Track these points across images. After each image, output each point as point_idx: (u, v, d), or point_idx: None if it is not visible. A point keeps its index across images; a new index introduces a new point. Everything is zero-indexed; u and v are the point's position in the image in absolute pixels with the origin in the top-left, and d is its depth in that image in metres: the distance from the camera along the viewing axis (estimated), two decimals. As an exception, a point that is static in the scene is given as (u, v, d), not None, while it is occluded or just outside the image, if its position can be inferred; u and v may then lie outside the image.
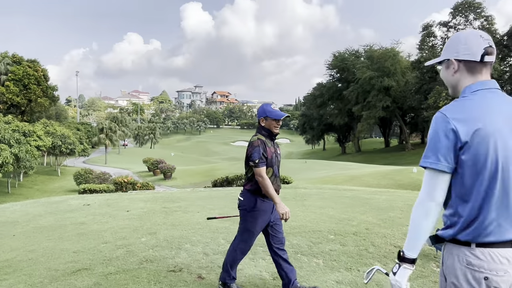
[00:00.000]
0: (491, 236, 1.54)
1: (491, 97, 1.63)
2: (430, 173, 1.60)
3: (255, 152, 3.25)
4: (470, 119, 1.55)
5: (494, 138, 1.53)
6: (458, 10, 41.47)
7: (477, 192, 1.55)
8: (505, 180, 1.54)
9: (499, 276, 1.52)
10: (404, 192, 10.78)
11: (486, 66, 1.67)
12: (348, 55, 61.47)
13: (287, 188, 10.39)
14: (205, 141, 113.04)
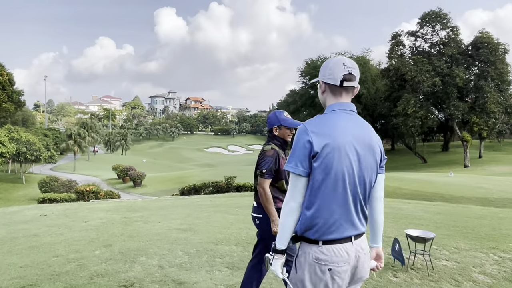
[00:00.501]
0: (334, 234, 1.82)
1: (345, 117, 1.91)
2: (292, 177, 1.88)
3: (267, 162, 3.07)
4: (324, 133, 1.83)
5: (339, 152, 1.81)
6: (426, 20, 42.69)
7: (323, 195, 1.82)
8: (346, 187, 1.82)
9: (340, 267, 1.82)
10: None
11: (347, 90, 1.95)
12: (320, 62, 62.07)
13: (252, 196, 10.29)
14: (178, 147, 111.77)
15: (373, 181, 1.93)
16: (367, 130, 1.93)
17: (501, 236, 5.94)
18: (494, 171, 36.28)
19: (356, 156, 1.85)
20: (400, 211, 8.11)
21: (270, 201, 3.03)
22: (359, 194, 1.87)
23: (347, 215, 1.84)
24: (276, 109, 3.51)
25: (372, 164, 1.90)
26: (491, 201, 16.74)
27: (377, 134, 2.01)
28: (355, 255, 1.87)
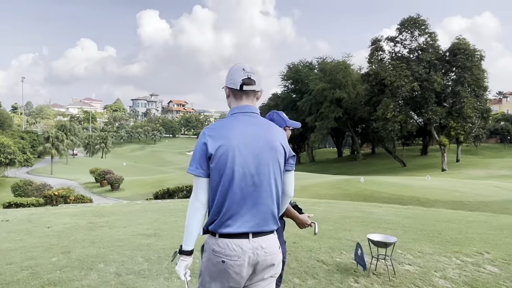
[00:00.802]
0: (229, 228, 1.93)
1: (243, 119, 2.04)
2: (194, 178, 2.01)
3: None
4: (219, 136, 1.97)
5: (233, 152, 1.94)
6: (404, 26, 43.38)
7: (220, 193, 1.94)
8: (242, 185, 1.94)
9: (233, 261, 1.92)
10: (344, 203, 10.85)
11: (247, 93, 2.07)
12: (302, 67, 62.65)
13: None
14: (160, 150, 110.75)
15: (278, 179, 2.03)
16: (266, 130, 2.04)
17: (466, 240, 5.97)
18: (471, 174, 36.98)
19: (252, 155, 1.97)
20: (370, 215, 8.11)
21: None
22: (260, 192, 1.97)
23: (244, 212, 1.95)
24: (274, 111, 3.36)
25: (270, 162, 2.00)
26: (465, 204, 17.03)
27: (282, 133, 2.10)
28: (252, 252, 1.94)
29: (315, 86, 52.76)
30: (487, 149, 58.19)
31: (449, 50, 42.75)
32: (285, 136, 2.13)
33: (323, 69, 56.33)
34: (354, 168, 53.27)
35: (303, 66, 62.80)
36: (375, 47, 45.59)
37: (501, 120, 67.31)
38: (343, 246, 5.45)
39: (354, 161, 58.77)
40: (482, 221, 7.60)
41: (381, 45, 45.80)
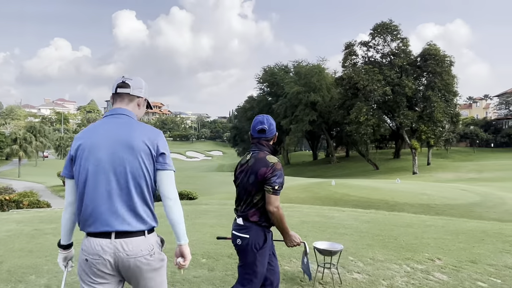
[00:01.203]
0: (91, 228, 1.98)
1: (108, 121, 2.11)
2: (65, 180, 2.12)
3: (280, 177, 2.71)
4: (81, 137, 2.07)
5: (89, 151, 2.01)
6: (377, 31, 44.01)
7: (79, 193, 2.02)
8: (96, 185, 1.98)
9: (95, 260, 1.95)
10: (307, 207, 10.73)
11: (121, 96, 2.17)
12: (278, 70, 62.81)
13: (188, 204, 9.90)
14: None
15: (140, 178, 2.01)
16: (126, 129, 2.06)
17: (421, 245, 5.90)
18: (440, 177, 37.73)
19: (106, 154, 2.00)
20: (330, 219, 8.00)
21: (284, 217, 2.75)
22: (118, 190, 1.99)
23: (103, 211, 1.96)
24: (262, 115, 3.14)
25: (128, 160, 2.00)
26: (432, 207, 17.24)
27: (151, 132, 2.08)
28: (113, 252, 1.95)
29: (290, 89, 52.94)
30: (457, 153, 59.63)
31: (420, 56, 43.61)
32: (156, 135, 2.10)
33: (298, 72, 56.62)
34: (329, 171, 53.65)
35: (279, 69, 62.98)
36: (348, 52, 46.09)
37: (470, 124, 69.17)
38: (294, 253, 5.28)
39: (329, 164, 59.21)
40: (440, 225, 7.59)
41: (354, 50, 46.35)
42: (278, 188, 2.70)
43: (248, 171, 2.79)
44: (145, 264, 1.98)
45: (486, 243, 6.18)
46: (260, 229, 2.74)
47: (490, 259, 5.20)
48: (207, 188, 29.71)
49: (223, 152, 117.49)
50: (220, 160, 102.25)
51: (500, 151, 60.33)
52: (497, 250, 5.70)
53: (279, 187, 2.70)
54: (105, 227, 1.94)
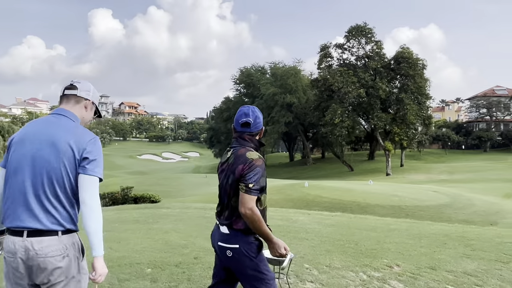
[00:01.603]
0: (7, 223, 1.98)
1: (44, 119, 2.16)
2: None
3: (257, 174, 2.36)
4: (19, 131, 2.14)
5: (16, 146, 2.06)
6: (352, 34, 44.37)
7: (5, 185, 2.05)
8: (19, 180, 1.99)
9: (8, 257, 1.95)
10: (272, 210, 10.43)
11: (67, 97, 2.20)
12: (254, 71, 62.66)
13: (149, 208, 9.49)
14: (109, 154, 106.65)
15: (58, 179, 1.99)
16: (57, 130, 2.06)
17: (381, 250, 5.70)
18: (413, 179, 38.25)
19: (30, 151, 2.01)
20: (294, 223, 7.75)
21: (262, 221, 2.35)
22: (34, 188, 1.97)
23: (17, 207, 1.96)
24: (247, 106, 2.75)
25: (49, 160, 1.99)
26: (402, 209, 17.29)
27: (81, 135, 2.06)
28: (24, 250, 1.92)
29: (266, 91, 52.85)
30: (430, 154, 60.76)
31: (394, 59, 44.18)
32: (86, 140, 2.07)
33: (275, 74, 56.63)
34: (305, 173, 53.77)
35: (255, 70, 62.86)
36: (324, 54, 46.31)
37: (443, 126, 70.70)
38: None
39: (305, 165, 59.38)
40: (403, 229, 7.45)
41: (329, 52, 46.60)
42: (254, 186, 2.33)
43: (228, 171, 2.47)
44: (54, 265, 1.92)
45: (448, 247, 6.04)
46: (249, 237, 2.40)
47: (450, 265, 5.03)
48: (181, 190, 29.17)
49: (200, 153, 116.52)
50: (196, 162, 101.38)
51: (471, 153, 61.83)
52: (458, 255, 5.55)
53: (254, 186, 2.33)
54: (18, 222, 1.94)
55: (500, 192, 25.91)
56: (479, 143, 63.11)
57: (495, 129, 64.63)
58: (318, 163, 61.22)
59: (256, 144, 2.55)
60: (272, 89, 52.56)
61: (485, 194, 24.00)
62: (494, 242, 6.44)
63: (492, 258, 5.40)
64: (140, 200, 11.77)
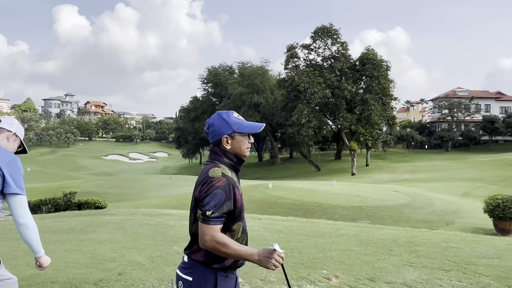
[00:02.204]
0: None
1: None
2: None
3: (215, 198, 1.95)
4: None
5: None
6: (318, 34, 44.63)
7: None
8: None
9: None
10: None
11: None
12: (222, 70, 62.14)
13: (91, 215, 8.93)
14: (73, 154, 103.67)
15: None
16: None
17: (323, 259, 5.44)
18: (377, 178, 38.83)
19: None
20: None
21: (231, 244, 1.95)
22: None
23: None
24: (222, 111, 2.30)
25: None
26: (363, 209, 17.33)
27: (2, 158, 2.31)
28: None
29: (234, 90, 52.49)
30: (394, 154, 62.03)
31: (359, 60, 44.73)
32: (5, 161, 2.29)
33: (242, 73, 56.34)
34: (273, 173, 53.79)
35: (223, 69, 62.35)
36: (290, 54, 46.36)
37: (407, 127, 72.38)
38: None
39: (273, 165, 59.40)
40: (352, 234, 7.25)
41: (296, 52, 46.69)
42: (212, 214, 1.94)
43: (194, 191, 2.13)
44: None
45: (393, 254, 5.86)
46: (208, 271, 2.04)
47: (391, 275, 4.82)
48: (143, 192, 28.43)
49: (169, 153, 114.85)
50: (165, 162, 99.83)
51: (433, 152, 63.58)
52: (401, 263, 5.37)
53: (213, 213, 1.94)
54: None
55: (459, 191, 26.60)
56: (441, 142, 64.97)
57: (456, 129, 66.70)
58: (286, 163, 61.39)
59: (231, 158, 2.13)
60: (239, 89, 52.26)
61: (444, 193, 24.54)
62: (440, 247, 6.32)
63: (435, 266, 5.24)
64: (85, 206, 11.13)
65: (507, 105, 73.40)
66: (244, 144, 2.15)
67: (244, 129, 2.14)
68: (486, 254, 5.91)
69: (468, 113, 65.52)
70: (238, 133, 2.12)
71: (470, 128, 67.15)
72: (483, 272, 4.96)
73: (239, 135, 2.12)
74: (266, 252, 1.99)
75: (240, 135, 2.12)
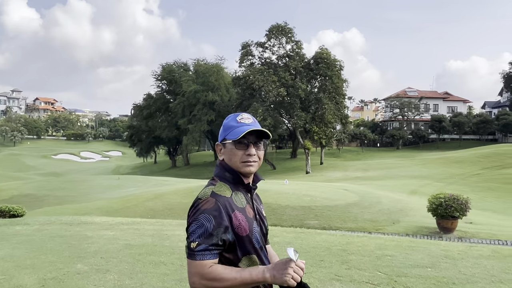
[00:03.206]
0: None
1: None
2: None
3: (199, 225, 1.56)
4: None
5: None
6: (273, 33, 44.45)
7: None
8: None
9: None
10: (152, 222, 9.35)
11: None
12: (177, 67, 60.69)
13: (1, 225, 7.92)
14: (19, 154, 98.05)
15: None
16: None
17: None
18: (331, 176, 39.18)
19: None
20: (163, 241, 6.76)
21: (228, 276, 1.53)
22: None
23: None
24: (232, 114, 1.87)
25: None
26: (312, 209, 17.09)
27: None
28: None
29: (188, 88, 51.36)
30: (348, 152, 63.22)
31: (313, 59, 44.99)
32: None
33: (197, 71, 55.30)
34: (228, 172, 53.15)
35: (178, 66, 60.92)
36: (245, 52, 45.90)
37: (361, 125, 74.09)
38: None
39: (229, 164, 58.81)
40: (286, 242, 6.79)
41: (251, 50, 46.29)
42: (196, 247, 1.55)
43: None
44: None
45: (323, 266, 5.44)
46: None
47: (314, 292, 4.37)
48: (86, 194, 26.88)
49: (123, 152, 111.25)
50: (118, 161, 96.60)
51: (385, 150, 65.40)
52: (329, 276, 4.94)
53: (198, 245, 1.55)
54: None
55: (407, 188, 27.16)
56: (392, 141, 66.97)
57: (406, 128, 68.95)
58: (243, 162, 60.97)
59: (228, 170, 1.73)
60: (194, 86, 51.20)
61: (393, 191, 24.92)
62: (374, 256, 5.99)
63: (364, 279, 4.86)
64: (6, 214, 9.97)
65: (454, 105, 76.85)
66: (235, 155, 1.70)
67: (233, 135, 1.70)
68: (420, 263, 5.62)
69: (418, 113, 67.88)
70: (228, 141, 1.72)
71: (420, 127, 69.67)
72: (414, 285, 4.62)
73: (229, 143, 1.72)
74: (279, 265, 1.56)
75: (230, 143, 1.71)
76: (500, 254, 5.99)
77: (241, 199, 1.71)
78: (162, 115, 60.61)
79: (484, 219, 18.00)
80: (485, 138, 66.36)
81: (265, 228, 1.81)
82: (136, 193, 24.97)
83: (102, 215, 17.29)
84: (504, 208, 22.34)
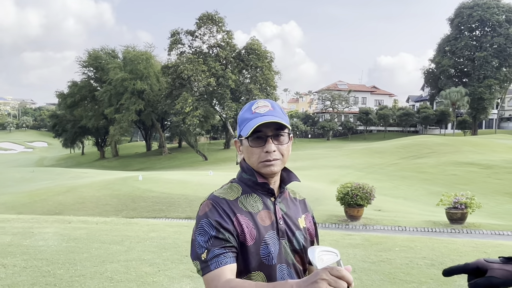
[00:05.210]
0: None
1: None
2: None
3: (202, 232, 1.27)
4: None
5: None
6: (203, 21, 43.64)
7: None
8: None
9: None
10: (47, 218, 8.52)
11: None
12: (104, 54, 57.72)
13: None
14: None
15: None
16: None
17: (90, 276, 4.49)
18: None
19: None
20: (24, 240, 6.13)
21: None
22: None
23: None
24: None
25: None
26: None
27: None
28: None
29: (115, 76, 49.03)
30: (281, 143, 64.28)
31: (244, 49, 44.87)
32: None
33: (125, 58, 52.96)
34: (159, 163, 51.81)
35: (105, 53, 57.94)
36: (174, 40, 44.65)
37: (294, 117, 75.60)
38: None
39: (160, 155, 57.31)
40: (161, 237, 6.44)
41: (180, 38, 45.12)
42: (207, 256, 1.23)
43: None
44: None
45: (185, 262, 5.15)
46: None
47: (156, 291, 4.07)
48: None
49: (49, 143, 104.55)
50: (43, 152, 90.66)
51: (316, 141, 67.34)
52: (183, 273, 4.66)
53: (208, 254, 1.23)
54: None
55: (329, 178, 27.97)
56: (323, 132, 69.08)
57: (336, 120, 71.45)
58: (174, 153, 59.74)
59: (246, 171, 1.44)
60: (121, 74, 48.95)
61: (316, 181, 25.50)
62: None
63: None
64: None
65: (380, 98, 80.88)
66: (252, 154, 1.39)
67: (244, 130, 1.38)
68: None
69: (347, 105, 70.53)
70: (244, 137, 1.40)
71: (349, 119, 72.53)
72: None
73: (245, 139, 1.40)
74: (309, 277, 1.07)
75: (246, 139, 1.39)
76: (370, 242, 6.10)
77: (254, 203, 1.40)
78: (88, 104, 57.51)
79: (393, 206, 18.94)
80: (408, 130, 70.60)
81: (297, 243, 1.40)
82: (50, 186, 23.38)
83: (5, 211, 15.89)
84: (415, 196, 23.77)
